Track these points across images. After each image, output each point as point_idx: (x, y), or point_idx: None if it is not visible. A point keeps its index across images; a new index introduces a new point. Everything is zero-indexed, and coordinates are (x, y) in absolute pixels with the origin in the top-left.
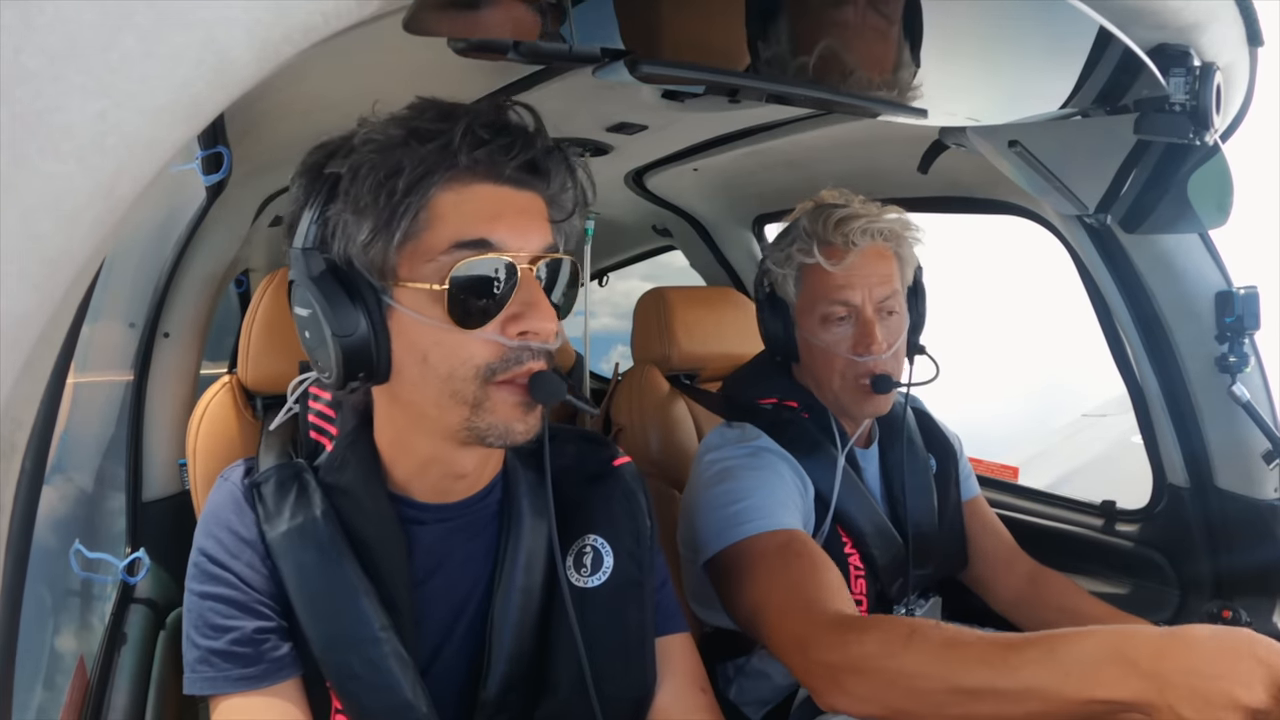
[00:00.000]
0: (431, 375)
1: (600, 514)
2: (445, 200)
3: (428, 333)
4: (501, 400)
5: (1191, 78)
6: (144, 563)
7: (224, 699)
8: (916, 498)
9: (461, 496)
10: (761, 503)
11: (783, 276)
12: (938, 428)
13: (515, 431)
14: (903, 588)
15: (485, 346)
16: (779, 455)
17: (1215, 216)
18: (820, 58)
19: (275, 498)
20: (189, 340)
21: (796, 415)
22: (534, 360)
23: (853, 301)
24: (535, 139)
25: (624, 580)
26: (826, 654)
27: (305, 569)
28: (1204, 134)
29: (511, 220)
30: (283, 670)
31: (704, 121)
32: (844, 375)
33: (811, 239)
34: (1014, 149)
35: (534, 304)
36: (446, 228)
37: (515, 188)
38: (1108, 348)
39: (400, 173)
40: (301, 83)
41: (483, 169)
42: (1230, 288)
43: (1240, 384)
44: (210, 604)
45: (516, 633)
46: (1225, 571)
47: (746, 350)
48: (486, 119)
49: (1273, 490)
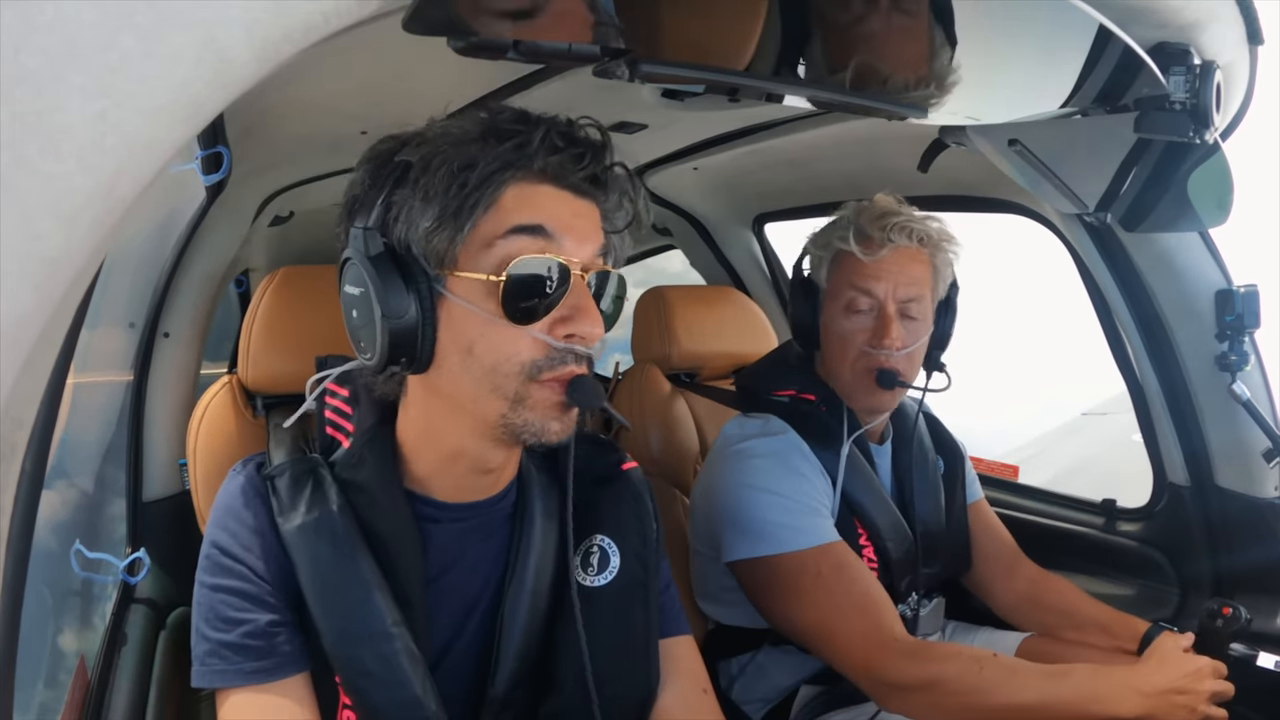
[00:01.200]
0: (475, 366)
1: (608, 515)
2: (511, 196)
3: (477, 324)
4: (542, 399)
5: (1191, 76)
6: (144, 563)
7: (233, 692)
8: (925, 497)
9: (481, 496)
10: (804, 513)
11: (819, 259)
12: (946, 432)
13: (550, 431)
14: (911, 584)
15: (532, 344)
16: (804, 453)
17: (1215, 215)
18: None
19: (290, 491)
20: (189, 340)
21: (814, 408)
22: (576, 364)
23: (876, 293)
24: (604, 153)
25: (630, 580)
26: (902, 678)
27: (319, 562)
28: (1204, 132)
29: (570, 223)
30: (293, 664)
31: (704, 120)
32: (854, 365)
33: (850, 228)
34: (1014, 147)
35: (583, 308)
36: (508, 217)
37: (576, 194)
38: (1108, 346)
39: (474, 166)
40: (301, 82)
41: (552, 174)
42: (1230, 286)
43: (1240, 382)
44: (222, 596)
45: (525, 632)
46: (1225, 570)
47: (747, 349)
48: (562, 129)
49: (1273, 489)
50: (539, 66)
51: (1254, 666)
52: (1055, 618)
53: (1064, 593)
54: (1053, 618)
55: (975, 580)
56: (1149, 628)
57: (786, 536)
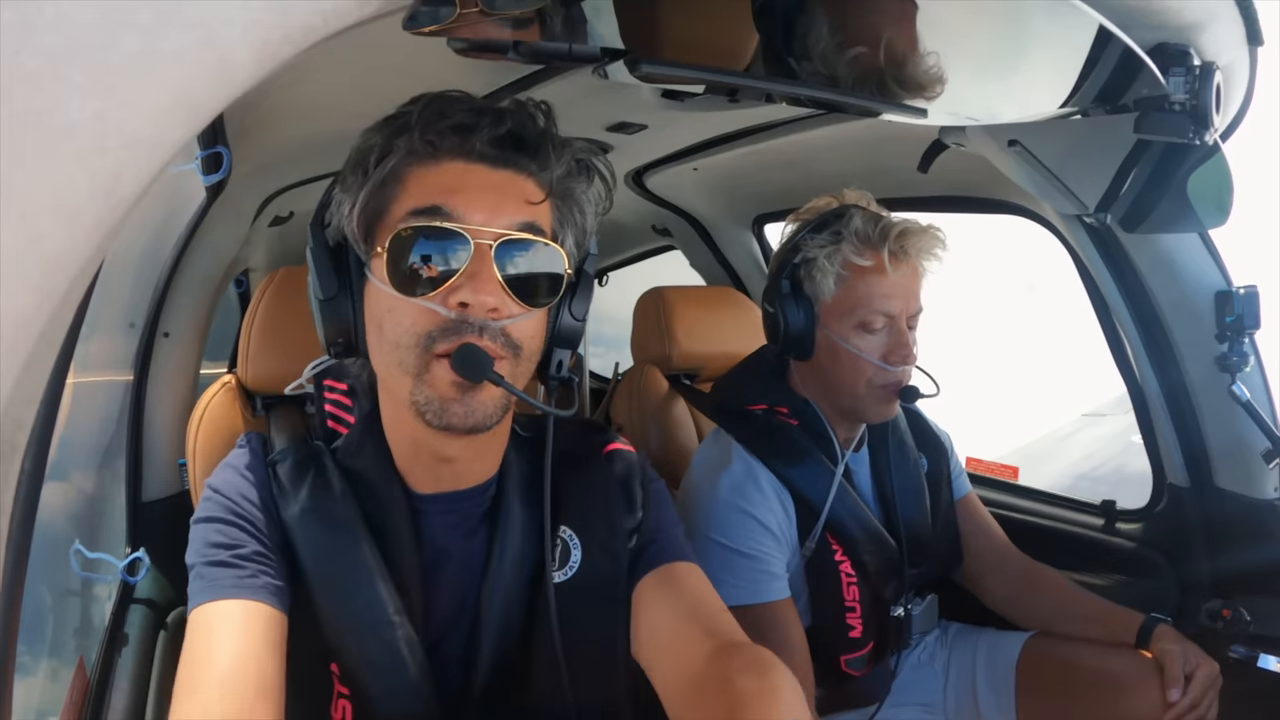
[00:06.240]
0: (385, 342)
1: (573, 505)
2: (413, 175)
3: (384, 300)
4: (439, 376)
5: (1191, 77)
6: (144, 563)
7: (205, 605)
8: (908, 499)
9: (452, 488)
10: (752, 573)
11: (823, 274)
12: (929, 426)
13: (452, 413)
14: (898, 589)
15: (426, 315)
16: (759, 483)
17: (1215, 216)
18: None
19: (292, 477)
20: (189, 340)
21: (785, 422)
22: (472, 334)
23: (892, 312)
24: (509, 117)
25: (589, 574)
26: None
27: (323, 549)
28: (1204, 133)
29: (473, 194)
30: (271, 596)
31: (704, 121)
32: (871, 382)
33: (866, 243)
34: (1014, 148)
35: (477, 276)
36: (409, 199)
37: (491, 165)
38: (1108, 347)
39: (371, 150)
40: (301, 83)
41: (449, 145)
42: (1230, 287)
43: (1240, 383)
44: (216, 526)
45: (501, 627)
46: (1225, 570)
47: (746, 349)
48: (455, 99)
49: (1272, 489)
50: (539, 67)
51: (1255, 668)
52: (1050, 611)
53: (1056, 584)
54: (1047, 610)
55: (967, 575)
56: (1145, 619)
57: (730, 593)
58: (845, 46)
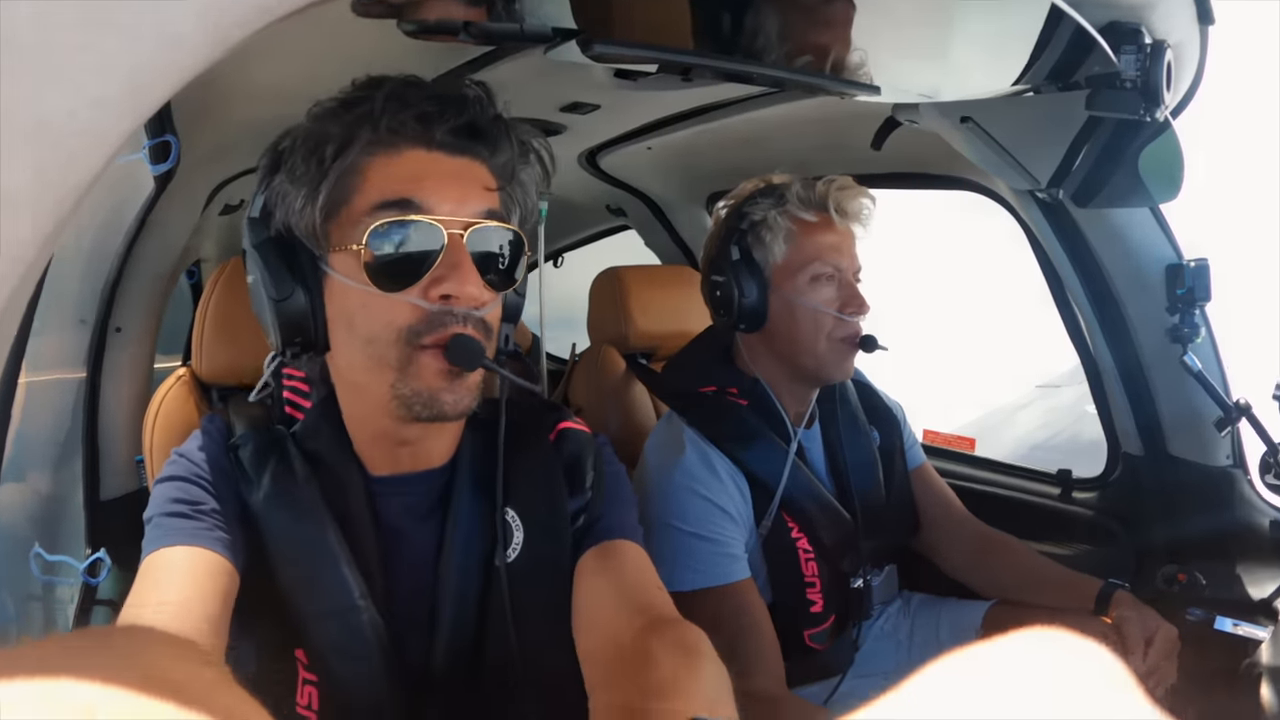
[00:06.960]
0: (357, 340)
1: (516, 486)
2: (374, 166)
3: (355, 297)
4: (426, 365)
5: (1143, 55)
6: (105, 563)
7: (156, 553)
8: (861, 472)
9: (409, 469)
10: (711, 556)
11: (772, 234)
12: (879, 399)
13: (443, 402)
14: (855, 561)
15: (408, 310)
16: (712, 468)
17: (1166, 191)
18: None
19: (254, 462)
20: (142, 334)
21: (735, 403)
22: (458, 325)
23: (841, 265)
24: (469, 105)
25: (531, 555)
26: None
27: (289, 535)
28: (1155, 110)
29: (439, 183)
30: (225, 549)
31: (657, 100)
32: (831, 335)
33: (808, 203)
34: (967, 125)
35: (458, 267)
36: (373, 191)
37: (450, 153)
38: (1061, 321)
39: (329, 140)
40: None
41: (411, 134)
42: (1181, 260)
43: (1192, 354)
44: (179, 483)
45: (457, 611)
46: (1180, 536)
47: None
48: (415, 86)
49: (1224, 457)
50: (491, 48)
51: (1211, 630)
52: (1008, 577)
53: (1014, 550)
54: (1006, 577)
55: (926, 544)
56: (1103, 585)
57: (692, 577)
58: (793, 56)
